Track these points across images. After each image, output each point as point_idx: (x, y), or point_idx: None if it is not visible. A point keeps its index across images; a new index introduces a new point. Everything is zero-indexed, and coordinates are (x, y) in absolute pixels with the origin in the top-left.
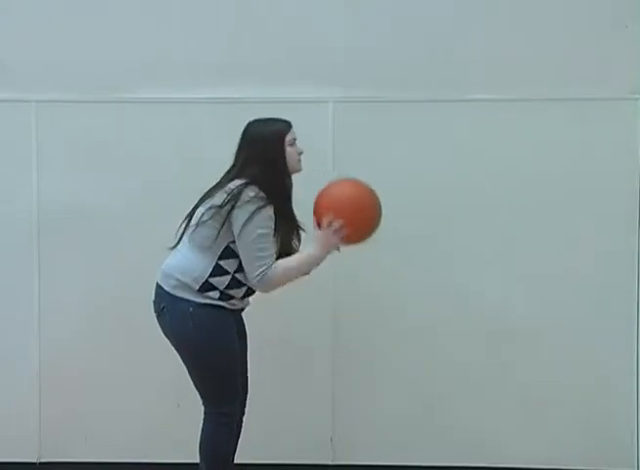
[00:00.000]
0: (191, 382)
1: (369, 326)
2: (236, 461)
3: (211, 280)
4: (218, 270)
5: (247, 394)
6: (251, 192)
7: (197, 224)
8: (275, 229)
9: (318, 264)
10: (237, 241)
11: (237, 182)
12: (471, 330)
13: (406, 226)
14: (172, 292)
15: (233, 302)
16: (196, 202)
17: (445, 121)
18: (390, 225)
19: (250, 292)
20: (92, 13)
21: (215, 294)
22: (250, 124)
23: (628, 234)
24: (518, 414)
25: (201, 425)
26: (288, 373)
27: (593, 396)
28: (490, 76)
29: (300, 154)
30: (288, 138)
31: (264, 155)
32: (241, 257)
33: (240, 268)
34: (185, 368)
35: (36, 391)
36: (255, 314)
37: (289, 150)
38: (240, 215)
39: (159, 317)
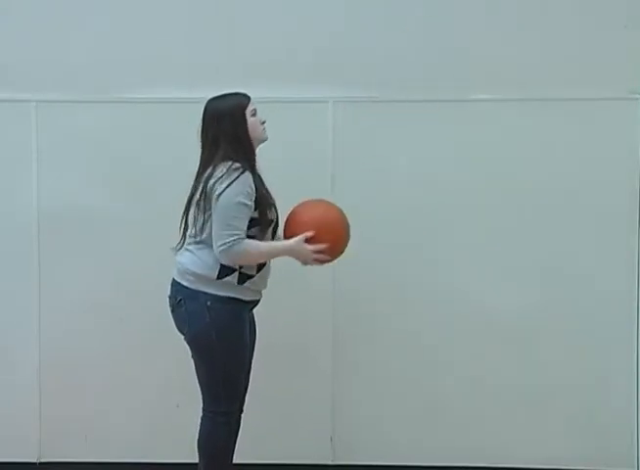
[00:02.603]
0: (190, 382)
1: (369, 326)
2: (236, 461)
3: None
4: None
5: (246, 391)
6: (222, 169)
7: (197, 228)
8: (255, 201)
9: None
10: (213, 207)
11: (208, 171)
12: (471, 330)
13: (406, 226)
14: (191, 286)
15: (249, 285)
16: (186, 200)
17: (445, 121)
18: (390, 226)
19: (261, 263)
20: (92, 13)
21: (234, 277)
22: (208, 103)
23: (628, 234)
24: (518, 414)
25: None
26: (288, 373)
27: (593, 395)
28: (490, 76)
29: (264, 123)
30: (249, 109)
31: (229, 130)
32: (213, 222)
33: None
34: (186, 368)
35: (36, 391)
36: (256, 314)
37: (252, 120)
38: (220, 186)
39: (174, 311)
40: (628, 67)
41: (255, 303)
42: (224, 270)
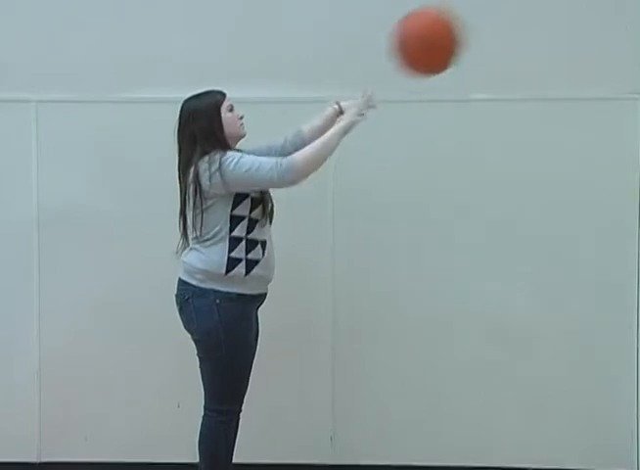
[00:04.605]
0: (190, 382)
1: (369, 326)
2: (236, 461)
3: (233, 255)
4: (234, 242)
5: (246, 391)
6: (205, 162)
7: (201, 229)
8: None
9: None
10: (231, 187)
11: (191, 170)
12: (471, 330)
13: (406, 226)
14: (200, 285)
15: (258, 271)
16: (180, 203)
17: (445, 121)
18: (390, 225)
19: (264, 245)
20: (92, 13)
21: (242, 268)
22: (184, 102)
23: (628, 234)
24: (518, 414)
25: (200, 424)
26: (288, 373)
27: (593, 396)
28: (490, 76)
29: (241, 118)
30: (224, 105)
31: (205, 127)
32: (246, 185)
33: (249, 229)
34: (186, 368)
35: (36, 391)
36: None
37: (228, 116)
38: (211, 170)
39: (181, 310)
40: (628, 67)
41: (262, 299)
42: (232, 262)
